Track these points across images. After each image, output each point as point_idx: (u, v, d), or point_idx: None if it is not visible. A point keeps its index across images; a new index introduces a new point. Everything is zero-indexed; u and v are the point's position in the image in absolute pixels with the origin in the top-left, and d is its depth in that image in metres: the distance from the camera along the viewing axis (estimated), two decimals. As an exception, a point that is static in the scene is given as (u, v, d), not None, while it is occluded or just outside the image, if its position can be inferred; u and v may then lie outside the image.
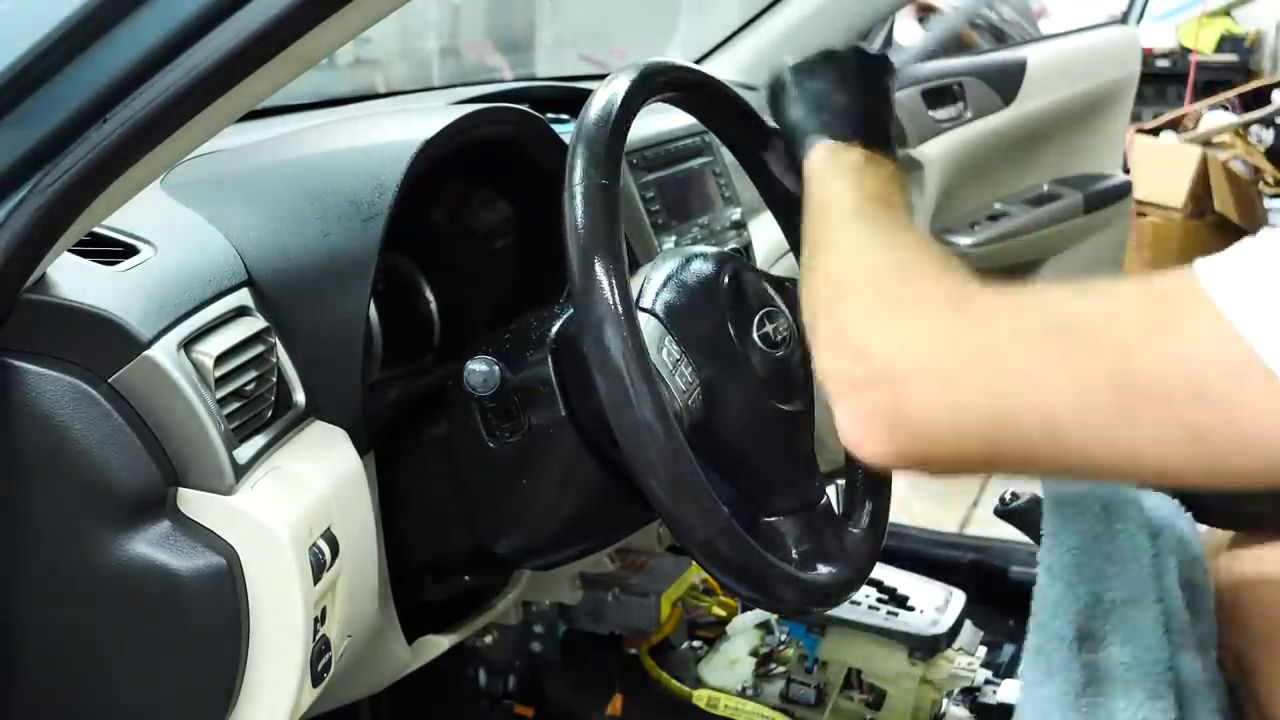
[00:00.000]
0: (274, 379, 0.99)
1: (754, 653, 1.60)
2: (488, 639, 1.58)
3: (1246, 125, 4.72)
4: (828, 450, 1.20)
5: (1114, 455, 0.68)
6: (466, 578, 1.21)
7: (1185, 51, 5.72)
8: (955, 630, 1.51)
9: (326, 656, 0.97)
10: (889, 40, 2.26)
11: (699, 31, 2.28)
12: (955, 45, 2.94)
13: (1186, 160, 4.18)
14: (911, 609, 1.52)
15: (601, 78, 0.99)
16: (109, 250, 0.95)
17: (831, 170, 0.95)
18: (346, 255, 1.04)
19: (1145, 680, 0.96)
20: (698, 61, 2.13)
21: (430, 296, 1.32)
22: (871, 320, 0.78)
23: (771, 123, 1.07)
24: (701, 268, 1.02)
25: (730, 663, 1.59)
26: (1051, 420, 0.68)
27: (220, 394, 0.92)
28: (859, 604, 1.53)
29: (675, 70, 1.03)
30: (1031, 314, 0.72)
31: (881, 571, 1.58)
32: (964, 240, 2.43)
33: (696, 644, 1.65)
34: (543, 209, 1.29)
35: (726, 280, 1.01)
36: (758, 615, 1.65)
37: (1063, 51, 2.64)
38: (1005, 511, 1.18)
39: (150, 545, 0.88)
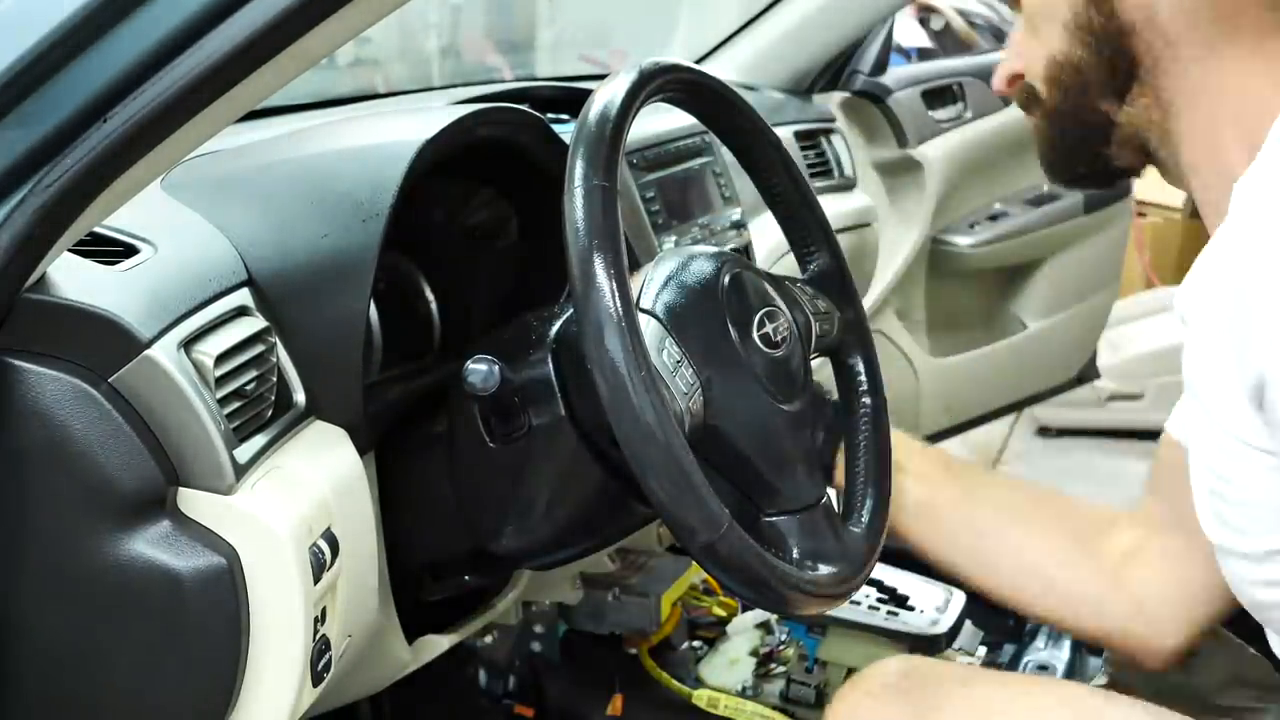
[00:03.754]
0: (274, 379, 0.99)
1: (754, 653, 1.59)
2: (488, 639, 1.58)
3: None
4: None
5: None
6: (466, 578, 1.21)
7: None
8: (955, 630, 1.51)
9: (326, 656, 0.97)
10: (889, 41, 2.26)
11: (699, 31, 2.28)
12: (955, 45, 2.93)
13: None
14: (911, 609, 1.52)
15: (601, 78, 0.99)
16: (109, 250, 0.95)
17: None
18: (346, 255, 1.03)
19: None
20: (698, 61, 2.13)
21: (430, 296, 1.32)
22: None
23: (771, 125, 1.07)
24: (701, 268, 1.01)
25: (730, 663, 1.59)
26: None
27: (220, 394, 0.92)
28: (859, 604, 1.53)
29: (675, 70, 1.03)
30: None
31: (881, 571, 1.57)
32: (964, 240, 2.43)
33: (696, 644, 1.65)
34: (543, 209, 1.29)
35: (727, 280, 1.01)
36: (758, 615, 1.64)
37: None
38: (1005, 511, 1.18)
39: (150, 545, 0.88)
